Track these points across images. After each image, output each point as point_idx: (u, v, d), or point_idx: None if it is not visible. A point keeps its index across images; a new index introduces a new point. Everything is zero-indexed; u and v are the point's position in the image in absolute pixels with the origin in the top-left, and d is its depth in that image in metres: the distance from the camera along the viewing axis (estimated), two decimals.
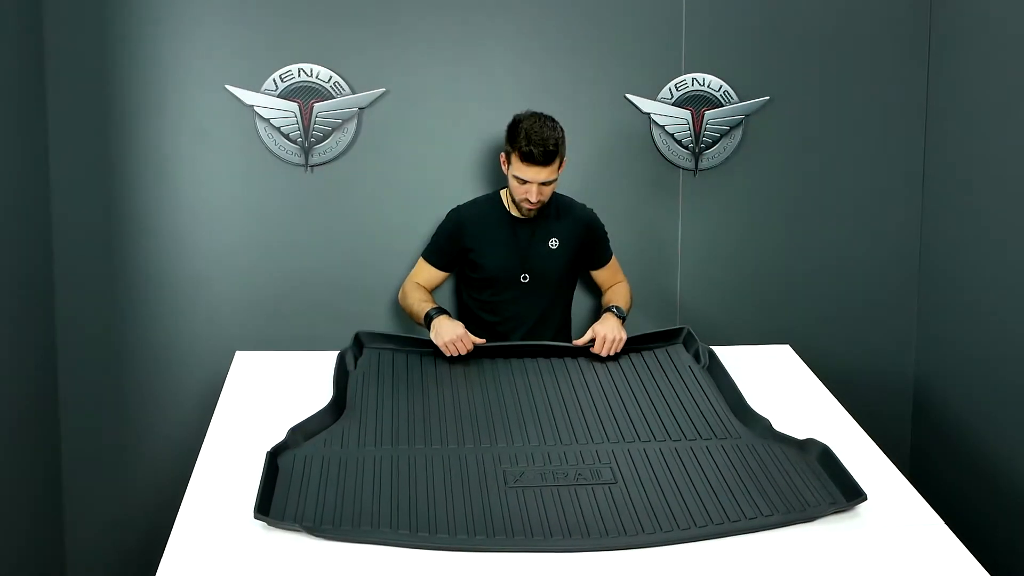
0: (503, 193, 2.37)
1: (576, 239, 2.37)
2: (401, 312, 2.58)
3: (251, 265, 2.53)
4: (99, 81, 2.41)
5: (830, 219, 2.70)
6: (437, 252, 2.40)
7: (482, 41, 2.54)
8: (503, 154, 2.28)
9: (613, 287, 2.46)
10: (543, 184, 2.21)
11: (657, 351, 2.15)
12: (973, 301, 2.46)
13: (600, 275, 2.48)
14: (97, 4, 2.39)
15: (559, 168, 2.24)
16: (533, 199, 2.22)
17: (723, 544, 1.47)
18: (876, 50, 2.65)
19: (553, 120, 2.24)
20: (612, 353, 2.11)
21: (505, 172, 2.28)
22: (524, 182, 2.20)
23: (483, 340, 2.12)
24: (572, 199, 2.44)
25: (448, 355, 2.07)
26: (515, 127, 2.21)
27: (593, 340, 2.12)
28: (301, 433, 1.69)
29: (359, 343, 2.12)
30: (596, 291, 2.56)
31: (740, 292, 2.70)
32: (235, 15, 2.44)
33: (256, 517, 1.42)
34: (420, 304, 2.27)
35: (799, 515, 1.54)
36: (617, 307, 2.25)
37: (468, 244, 2.35)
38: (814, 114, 2.65)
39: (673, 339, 2.18)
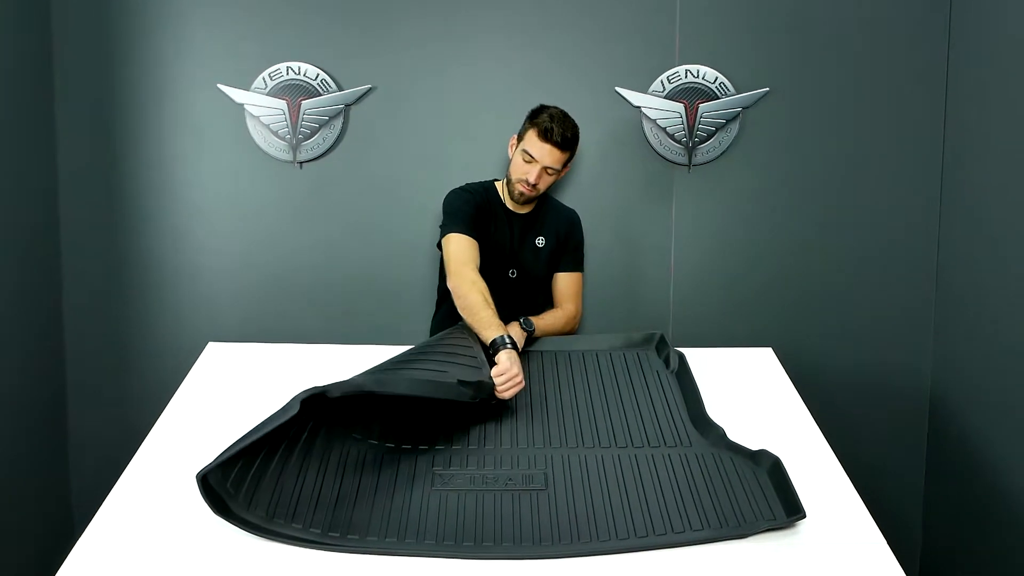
0: (498, 185, 2.34)
1: (558, 238, 2.33)
2: (385, 304, 2.57)
3: (242, 259, 2.58)
4: (101, 81, 2.51)
5: (834, 219, 2.55)
6: (468, 220, 2.14)
7: (466, 35, 2.51)
8: (514, 136, 2.25)
9: (554, 311, 2.28)
10: (546, 170, 2.18)
11: (627, 353, 2.08)
12: (993, 307, 2.26)
13: (558, 281, 2.33)
14: (99, 11, 2.48)
15: (565, 165, 2.22)
16: (532, 179, 2.17)
17: (642, 558, 1.41)
18: (888, 37, 2.48)
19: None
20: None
21: (510, 155, 2.25)
22: (531, 160, 2.17)
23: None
24: (560, 201, 2.42)
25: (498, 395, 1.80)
26: (542, 108, 2.21)
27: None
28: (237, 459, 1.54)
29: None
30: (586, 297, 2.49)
31: (736, 295, 2.58)
32: (226, 15, 2.49)
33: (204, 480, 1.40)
34: (489, 314, 1.94)
35: (732, 531, 1.46)
36: (526, 319, 2.07)
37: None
38: (817, 107, 2.51)
39: (646, 344, 2.11)
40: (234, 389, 1.92)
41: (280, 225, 2.57)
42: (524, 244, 2.29)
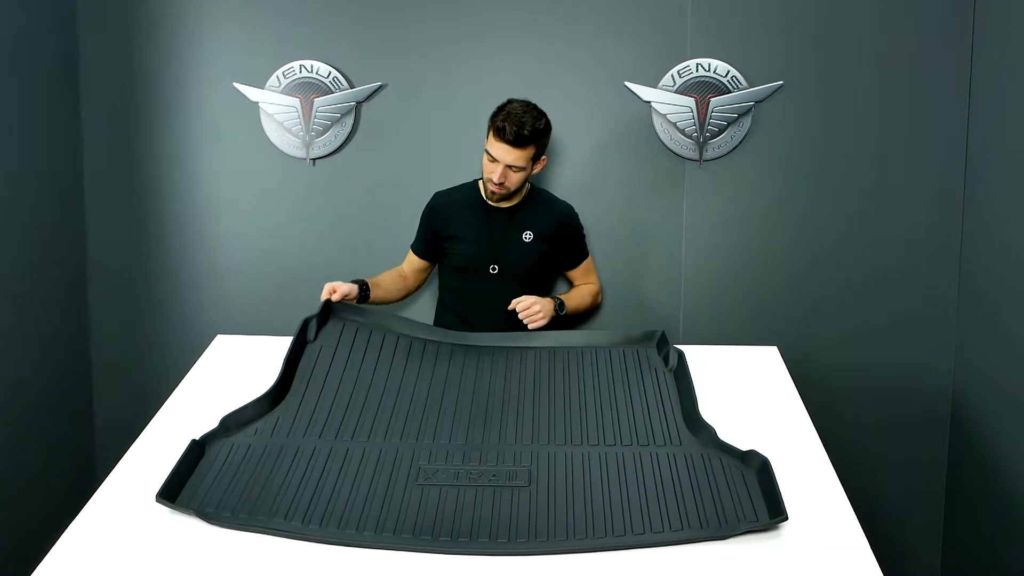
0: (481, 182, 2.35)
1: (551, 234, 2.32)
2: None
3: (257, 254, 2.64)
4: (124, 82, 2.59)
5: (850, 216, 2.49)
6: (418, 240, 2.41)
7: (475, 31, 2.52)
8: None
9: (579, 287, 2.43)
10: (510, 168, 2.17)
11: (626, 350, 2.06)
12: (1018, 310, 2.17)
13: (573, 275, 2.44)
14: (122, 14, 2.55)
15: (533, 161, 2.19)
16: (496, 179, 2.17)
17: (618, 557, 1.40)
18: (908, 28, 2.41)
19: (542, 113, 2.19)
20: (525, 320, 2.14)
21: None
22: (493, 160, 2.17)
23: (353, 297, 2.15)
24: (553, 195, 2.39)
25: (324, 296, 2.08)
26: (502, 106, 2.20)
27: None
28: (233, 422, 1.73)
29: (326, 312, 2.08)
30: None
31: (748, 292, 2.54)
32: (241, 15, 2.54)
33: (158, 500, 1.48)
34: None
35: (712, 532, 1.44)
36: (560, 299, 2.25)
37: (442, 231, 2.34)
38: (832, 101, 2.45)
39: (646, 341, 2.09)
40: (235, 380, 1.96)
41: (293, 220, 2.62)
42: (507, 238, 2.29)
